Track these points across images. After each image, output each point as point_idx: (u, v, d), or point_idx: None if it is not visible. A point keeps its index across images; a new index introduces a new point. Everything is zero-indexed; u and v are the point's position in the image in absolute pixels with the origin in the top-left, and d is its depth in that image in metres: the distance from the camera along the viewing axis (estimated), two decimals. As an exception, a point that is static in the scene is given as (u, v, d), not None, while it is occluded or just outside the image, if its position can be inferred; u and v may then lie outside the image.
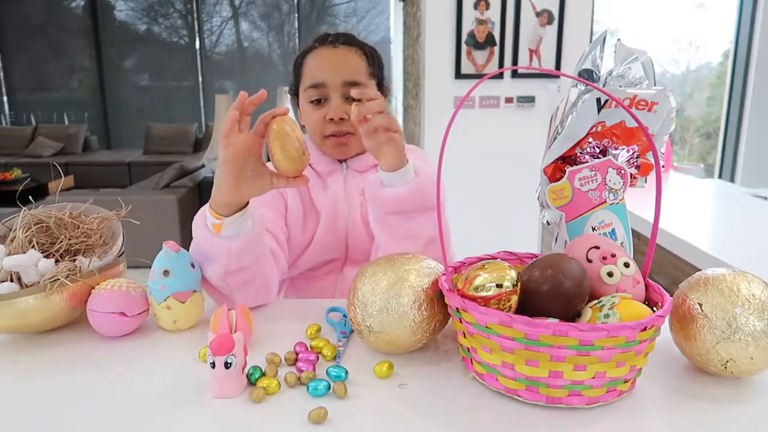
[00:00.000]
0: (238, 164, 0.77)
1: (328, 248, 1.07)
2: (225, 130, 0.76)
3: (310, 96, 1.01)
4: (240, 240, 0.82)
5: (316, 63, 1.02)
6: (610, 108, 0.73)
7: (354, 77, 1.00)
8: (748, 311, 0.61)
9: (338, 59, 1.02)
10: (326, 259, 1.08)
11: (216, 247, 0.82)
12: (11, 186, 5.14)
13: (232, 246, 0.81)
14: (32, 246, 0.80)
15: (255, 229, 0.84)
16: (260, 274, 0.87)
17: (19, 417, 0.60)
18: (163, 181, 3.83)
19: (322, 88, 1.00)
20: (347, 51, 1.03)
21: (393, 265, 0.71)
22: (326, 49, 1.03)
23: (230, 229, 0.81)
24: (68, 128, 6.98)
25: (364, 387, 0.64)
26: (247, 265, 0.84)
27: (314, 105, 1.02)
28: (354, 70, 1.01)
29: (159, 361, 0.73)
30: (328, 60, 1.02)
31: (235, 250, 0.82)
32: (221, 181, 0.78)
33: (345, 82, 1.00)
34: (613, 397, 0.60)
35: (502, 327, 0.58)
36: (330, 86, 1.00)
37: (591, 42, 0.78)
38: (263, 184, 0.80)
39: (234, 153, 0.76)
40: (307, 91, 1.02)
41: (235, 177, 0.78)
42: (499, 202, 3.07)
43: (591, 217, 0.76)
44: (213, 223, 0.82)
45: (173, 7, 7.28)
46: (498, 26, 2.93)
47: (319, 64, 1.02)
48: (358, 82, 1.00)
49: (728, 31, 3.54)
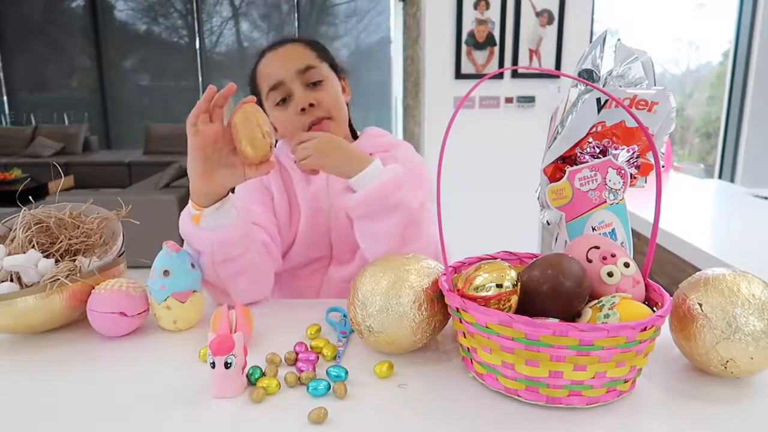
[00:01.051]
0: (206, 152, 0.80)
1: (313, 244, 1.08)
2: (191, 117, 0.78)
3: (274, 99, 1.02)
4: (222, 231, 0.83)
5: (265, 67, 1.04)
6: (610, 108, 0.73)
7: (305, 63, 1.01)
8: (748, 311, 0.61)
9: (284, 55, 1.03)
10: (312, 256, 1.09)
11: (199, 238, 0.84)
12: (11, 186, 5.14)
13: (214, 237, 0.83)
14: (32, 246, 0.80)
15: (239, 221, 0.86)
16: (251, 265, 0.89)
17: (19, 417, 0.60)
18: (163, 181, 3.83)
19: (281, 85, 1.01)
20: (290, 46, 1.05)
21: (393, 265, 0.71)
22: (270, 54, 1.05)
23: (210, 220, 0.83)
24: (68, 128, 6.98)
25: (364, 387, 0.64)
26: (234, 256, 0.85)
27: (280, 106, 1.02)
28: (302, 57, 1.02)
29: (159, 361, 0.73)
30: (275, 59, 1.03)
31: (218, 240, 0.83)
32: (191, 169, 0.81)
33: (298, 70, 1.01)
34: (613, 397, 0.60)
35: (502, 327, 0.58)
36: (287, 80, 1.00)
37: (591, 42, 0.78)
38: (236, 174, 0.82)
39: (202, 141, 0.79)
40: (269, 96, 1.02)
41: (203, 164, 0.80)
42: (499, 202, 3.07)
43: (591, 217, 0.76)
44: (193, 215, 0.84)
45: (173, 7, 7.27)
46: (498, 26, 2.93)
47: (268, 66, 1.03)
48: (310, 65, 1.01)
49: (728, 31, 3.54)
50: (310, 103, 1.00)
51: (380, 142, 1.12)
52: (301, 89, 1.01)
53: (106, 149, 7.38)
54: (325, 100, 1.02)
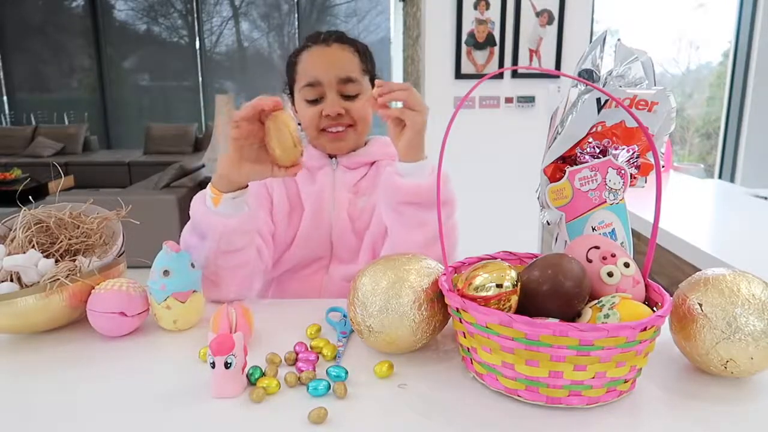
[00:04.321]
0: (240, 143, 0.83)
1: (313, 244, 1.08)
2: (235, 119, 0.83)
3: (306, 95, 1.03)
4: (235, 219, 0.87)
5: (310, 62, 1.04)
6: (610, 108, 0.73)
7: (348, 74, 1.02)
8: (748, 311, 0.61)
9: (332, 57, 1.03)
10: (312, 256, 1.09)
11: (212, 222, 0.86)
12: (11, 186, 5.13)
13: (227, 223, 0.86)
14: (32, 246, 0.80)
15: (249, 216, 0.89)
16: (249, 260, 0.92)
17: (19, 417, 0.60)
18: (163, 181, 3.83)
19: (318, 86, 1.02)
20: (340, 49, 1.04)
21: (393, 265, 0.71)
22: (319, 48, 1.04)
23: (227, 205, 0.87)
24: (68, 128, 6.98)
25: (364, 387, 0.64)
26: (237, 248, 0.88)
27: (310, 103, 1.04)
28: (347, 67, 1.03)
29: (159, 361, 0.73)
30: (322, 58, 1.03)
31: (230, 227, 0.86)
32: (223, 155, 0.86)
33: (339, 79, 1.01)
34: (613, 397, 0.60)
35: (502, 327, 0.58)
36: (325, 84, 1.01)
37: (591, 42, 0.78)
38: (263, 169, 0.85)
39: (238, 133, 0.83)
40: (303, 90, 1.03)
41: (236, 152, 0.84)
42: (499, 202, 3.07)
43: (591, 217, 0.76)
44: (212, 197, 0.87)
45: (173, 7, 7.27)
46: (498, 26, 2.93)
47: (313, 62, 1.03)
48: (351, 78, 1.02)
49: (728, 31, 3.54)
50: (339, 112, 1.02)
51: (390, 151, 1.12)
52: (335, 97, 1.02)
53: (106, 149, 7.38)
54: (355, 113, 1.04)
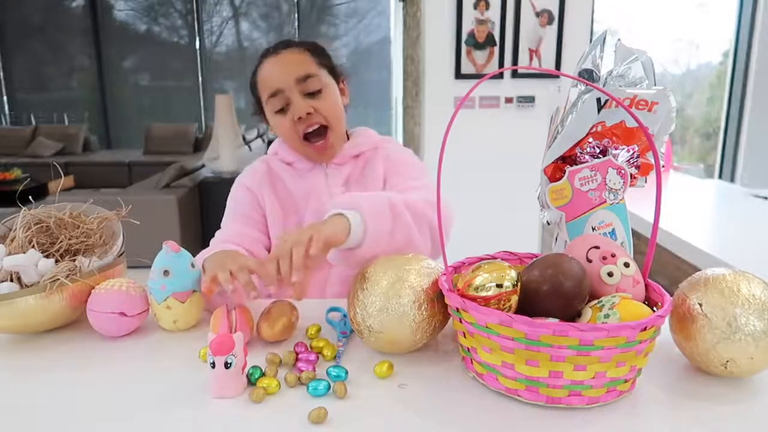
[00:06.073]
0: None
1: None
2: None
3: (274, 106, 1.03)
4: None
5: (266, 73, 1.05)
6: (610, 108, 0.73)
7: (304, 71, 1.02)
8: (748, 311, 0.61)
9: (284, 61, 1.04)
10: None
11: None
12: (11, 186, 5.12)
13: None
14: (32, 246, 0.80)
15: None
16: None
17: (19, 417, 0.60)
18: (163, 181, 3.83)
19: (280, 93, 1.02)
20: (290, 53, 1.05)
21: (393, 265, 0.71)
22: (271, 59, 1.05)
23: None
24: (68, 128, 6.97)
25: (364, 387, 0.64)
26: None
27: (280, 114, 1.04)
28: (301, 65, 1.03)
29: (159, 361, 0.73)
30: (276, 66, 1.04)
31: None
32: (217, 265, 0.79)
33: (297, 79, 1.02)
34: (613, 397, 0.60)
35: (502, 327, 0.58)
36: (286, 89, 1.02)
37: (591, 42, 0.78)
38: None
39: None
40: (269, 103, 1.04)
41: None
42: (499, 202, 3.07)
43: (591, 217, 0.76)
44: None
45: (173, 7, 7.27)
46: (498, 26, 2.92)
47: (269, 73, 1.04)
48: (309, 74, 1.02)
49: (728, 31, 3.54)
50: (307, 111, 1.02)
51: (370, 140, 1.14)
52: (299, 98, 1.02)
53: (106, 149, 7.38)
54: (323, 109, 1.03)
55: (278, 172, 1.11)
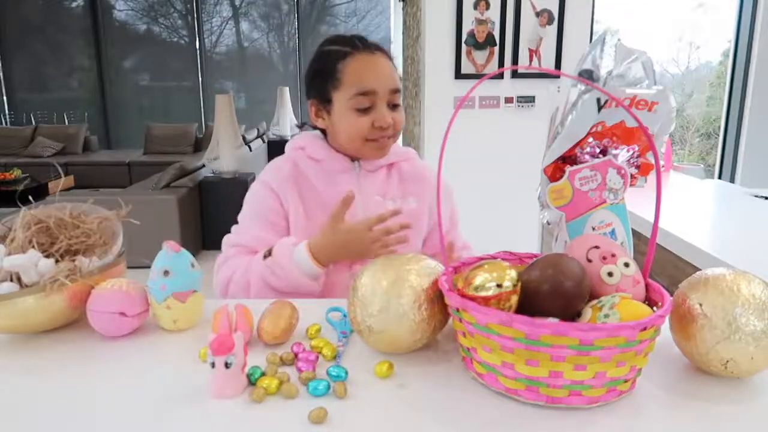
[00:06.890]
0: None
1: None
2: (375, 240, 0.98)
3: (359, 104, 1.01)
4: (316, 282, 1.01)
5: (361, 70, 1.02)
6: (610, 108, 0.73)
7: (397, 85, 1.04)
8: (748, 311, 0.61)
9: (383, 67, 1.04)
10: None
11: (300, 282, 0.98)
12: (11, 186, 5.13)
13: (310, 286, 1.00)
14: (32, 246, 0.80)
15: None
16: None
17: (19, 417, 0.60)
18: (163, 181, 3.83)
19: (372, 95, 1.01)
20: (384, 58, 1.05)
21: (393, 265, 0.71)
22: (366, 56, 1.03)
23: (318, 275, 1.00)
24: (68, 128, 6.98)
25: (364, 387, 0.64)
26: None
27: (361, 112, 1.02)
28: (395, 77, 1.05)
29: (159, 361, 0.73)
30: (374, 67, 1.03)
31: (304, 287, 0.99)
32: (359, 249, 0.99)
33: (391, 90, 1.03)
34: (613, 397, 0.60)
35: (502, 327, 0.58)
36: (379, 94, 1.01)
37: (591, 42, 0.78)
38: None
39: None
40: (355, 99, 1.01)
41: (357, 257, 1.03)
42: (499, 202, 3.07)
43: (591, 217, 0.76)
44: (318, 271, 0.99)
45: (173, 7, 7.28)
46: (498, 26, 2.92)
47: (366, 71, 1.02)
48: (399, 89, 1.04)
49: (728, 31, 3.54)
50: (390, 124, 1.03)
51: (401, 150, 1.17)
52: (385, 108, 1.03)
53: (106, 149, 7.39)
54: (398, 122, 1.05)
55: (304, 169, 1.09)
